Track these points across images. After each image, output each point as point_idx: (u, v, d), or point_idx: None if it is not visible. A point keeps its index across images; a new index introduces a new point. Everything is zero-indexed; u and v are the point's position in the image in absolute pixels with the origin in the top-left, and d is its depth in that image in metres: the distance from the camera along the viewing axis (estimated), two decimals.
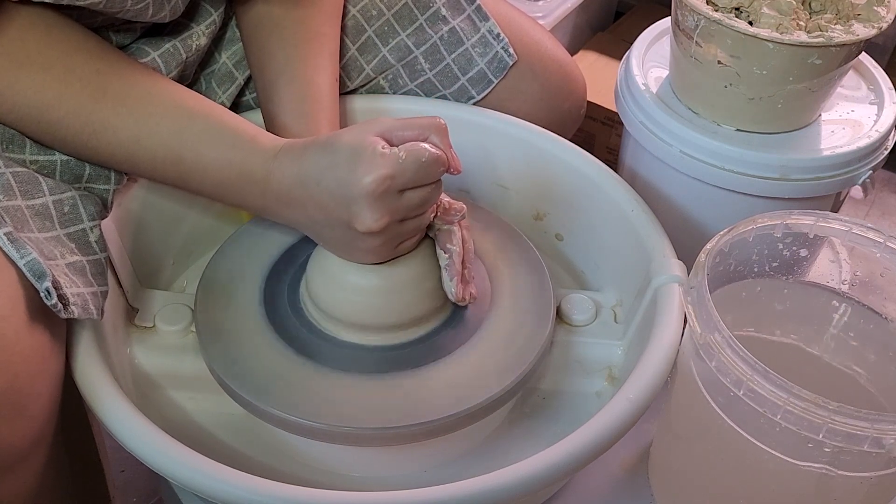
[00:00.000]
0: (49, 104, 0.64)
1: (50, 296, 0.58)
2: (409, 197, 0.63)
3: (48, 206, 0.64)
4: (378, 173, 0.61)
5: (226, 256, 0.75)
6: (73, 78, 0.64)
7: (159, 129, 0.66)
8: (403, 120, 0.65)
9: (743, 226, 0.68)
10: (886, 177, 1.48)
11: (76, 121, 0.64)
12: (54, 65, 0.64)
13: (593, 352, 0.76)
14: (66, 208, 0.65)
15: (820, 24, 0.82)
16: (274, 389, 0.66)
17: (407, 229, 0.66)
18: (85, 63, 0.65)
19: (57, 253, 0.62)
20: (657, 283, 0.71)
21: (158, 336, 0.74)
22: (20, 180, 0.63)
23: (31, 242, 0.60)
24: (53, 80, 0.63)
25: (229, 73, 0.82)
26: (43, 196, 0.64)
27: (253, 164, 0.66)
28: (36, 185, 0.64)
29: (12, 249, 0.58)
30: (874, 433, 0.55)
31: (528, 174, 0.87)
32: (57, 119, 0.64)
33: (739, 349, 0.59)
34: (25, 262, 0.58)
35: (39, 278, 0.58)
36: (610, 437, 0.61)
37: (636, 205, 0.78)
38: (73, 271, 0.63)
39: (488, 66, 0.87)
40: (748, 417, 0.61)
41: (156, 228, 0.79)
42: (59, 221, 0.64)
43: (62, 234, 0.64)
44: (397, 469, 0.71)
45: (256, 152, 0.66)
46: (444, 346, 0.69)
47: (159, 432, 0.60)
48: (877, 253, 0.69)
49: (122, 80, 0.66)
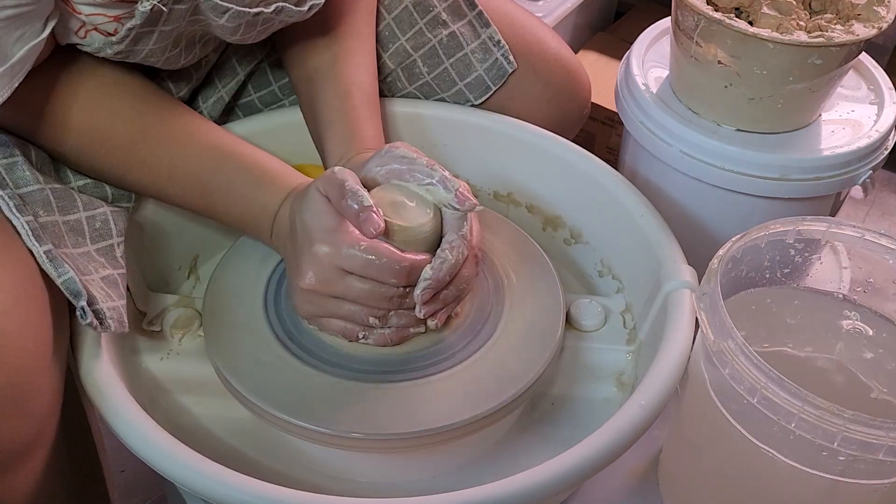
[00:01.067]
0: (91, 144, 0.67)
1: (85, 315, 0.60)
2: (350, 281, 0.63)
3: (82, 222, 0.66)
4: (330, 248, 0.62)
5: (233, 261, 0.75)
6: (118, 121, 0.68)
7: (192, 169, 0.69)
8: (410, 171, 0.66)
9: (755, 232, 0.67)
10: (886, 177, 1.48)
11: (114, 160, 0.68)
12: (101, 107, 0.67)
13: (603, 357, 0.75)
14: (98, 224, 0.67)
15: (820, 24, 0.82)
16: (281, 394, 0.65)
17: (341, 310, 0.65)
18: (129, 106, 0.69)
19: (91, 268, 0.64)
20: (668, 289, 0.71)
21: (166, 340, 0.73)
22: (58, 196, 0.65)
23: (69, 259, 0.61)
24: (98, 122, 0.67)
25: (232, 68, 0.82)
26: (78, 212, 0.66)
27: (275, 200, 0.69)
28: (72, 202, 0.66)
29: (51, 268, 0.60)
30: (890, 442, 0.55)
31: (537, 178, 0.86)
32: (97, 156, 0.68)
33: (753, 356, 0.58)
34: (62, 280, 0.60)
35: (76, 297, 0.60)
36: (621, 444, 0.61)
37: (646, 209, 0.78)
38: (108, 284, 0.64)
39: (487, 73, 0.86)
40: (761, 425, 0.60)
41: (164, 233, 0.79)
42: (91, 237, 0.66)
43: (92, 250, 0.65)
44: (406, 475, 0.70)
45: (280, 190, 0.69)
46: (453, 353, 0.69)
47: (167, 436, 0.60)
48: (889, 260, 0.68)
49: (161, 122, 0.69)
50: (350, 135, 0.74)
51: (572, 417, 0.74)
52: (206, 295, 0.72)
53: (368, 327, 0.66)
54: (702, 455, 0.70)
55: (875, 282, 0.70)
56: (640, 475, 0.77)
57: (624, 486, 0.77)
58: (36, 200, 0.63)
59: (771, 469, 0.61)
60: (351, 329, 0.66)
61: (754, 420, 0.60)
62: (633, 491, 0.76)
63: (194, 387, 0.72)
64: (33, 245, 0.60)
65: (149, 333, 0.74)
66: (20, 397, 0.56)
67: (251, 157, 0.71)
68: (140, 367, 0.72)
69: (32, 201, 0.62)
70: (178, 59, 0.70)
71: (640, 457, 0.78)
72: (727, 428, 0.63)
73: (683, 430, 0.71)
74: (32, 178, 0.63)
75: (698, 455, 0.70)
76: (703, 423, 0.68)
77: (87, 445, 0.77)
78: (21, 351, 0.55)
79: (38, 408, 0.58)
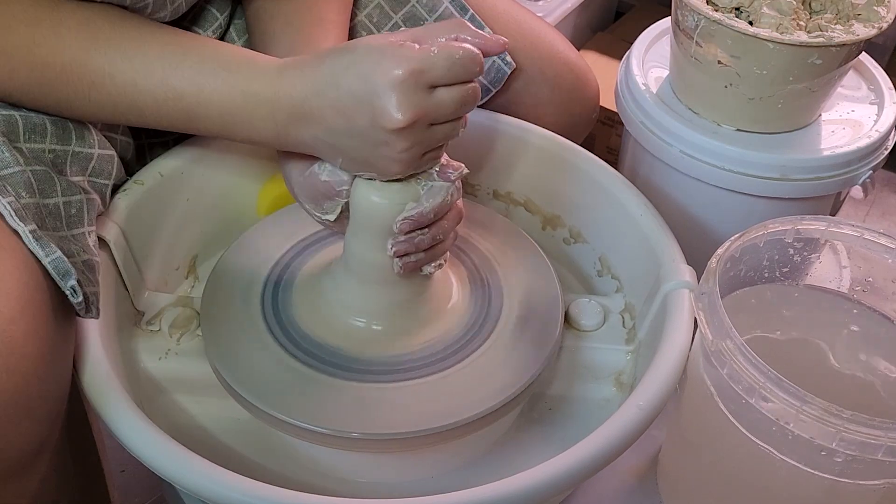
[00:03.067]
0: (44, 61, 0.62)
1: (76, 294, 0.58)
2: (440, 95, 0.59)
3: (59, 207, 0.64)
4: (407, 65, 0.57)
5: (231, 261, 0.75)
6: (63, 29, 0.62)
7: (155, 69, 0.64)
8: (427, 26, 0.62)
9: (754, 231, 0.67)
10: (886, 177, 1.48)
11: (73, 75, 0.63)
12: (42, 19, 0.62)
13: (601, 357, 0.75)
14: (73, 210, 0.65)
15: (820, 24, 0.82)
16: (280, 394, 0.65)
17: (435, 136, 0.61)
18: (72, 13, 0.63)
19: (73, 250, 0.62)
20: (667, 289, 0.71)
21: (164, 340, 0.73)
22: (38, 178, 0.63)
23: (53, 240, 0.60)
24: (44, 34, 0.62)
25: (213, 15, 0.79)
26: (56, 196, 0.63)
27: (257, 84, 0.63)
28: (51, 185, 0.63)
29: (38, 248, 0.58)
30: (888, 442, 0.55)
31: (536, 178, 0.86)
32: (55, 75, 0.63)
33: (752, 356, 0.58)
34: (50, 259, 0.58)
35: (64, 276, 0.58)
36: (620, 444, 0.61)
37: (645, 209, 0.78)
38: (87, 269, 0.63)
39: (486, 77, 0.86)
40: (760, 425, 0.60)
41: (161, 232, 0.79)
42: (67, 223, 0.64)
43: (68, 235, 0.64)
44: (404, 475, 0.70)
45: (258, 72, 0.64)
46: (451, 353, 0.69)
47: (165, 437, 0.59)
48: (889, 259, 0.68)
49: (112, 26, 0.64)
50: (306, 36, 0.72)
51: (571, 417, 0.74)
52: (204, 294, 0.72)
53: None
54: (701, 455, 0.70)
55: (874, 281, 0.70)
56: (639, 475, 0.77)
57: (623, 485, 0.77)
58: (17, 182, 0.61)
59: (770, 469, 0.61)
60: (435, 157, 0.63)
61: (753, 420, 0.60)
62: (633, 491, 0.76)
63: (193, 387, 0.72)
64: (18, 225, 0.58)
65: (147, 333, 0.74)
66: (28, 404, 0.55)
67: (213, 47, 0.65)
68: (138, 366, 0.72)
69: (14, 183, 0.60)
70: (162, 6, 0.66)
71: (640, 457, 0.78)
72: (726, 428, 0.63)
73: (682, 429, 0.71)
74: (13, 159, 0.61)
75: (697, 455, 0.70)
76: (701, 423, 0.68)
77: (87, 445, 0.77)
78: (28, 358, 0.55)
79: (45, 413, 0.58)
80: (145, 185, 0.76)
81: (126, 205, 0.74)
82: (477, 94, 0.61)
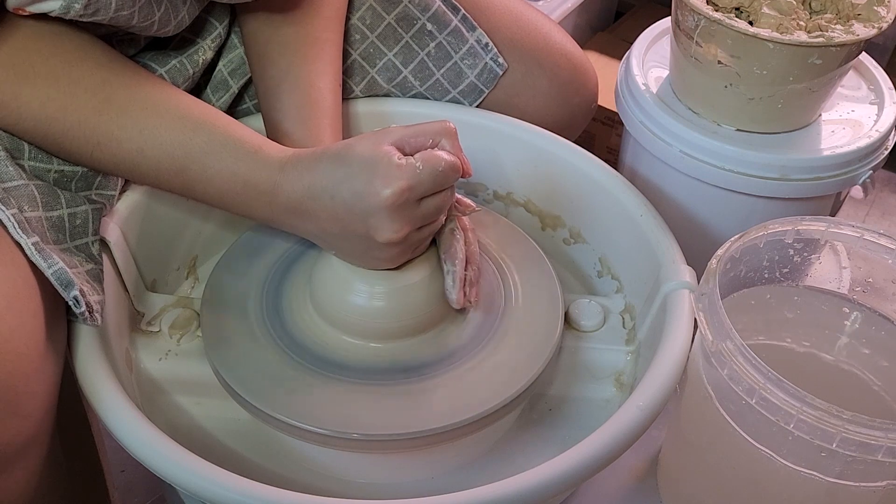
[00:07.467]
0: (54, 117, 0.63)
1: (79, 304, 0.59)
2: (426, 204, 0.64)
3: (63, 219, 0.65)
4: (397, 185, 0.61)
5: (231, 261, 0.75)
6: (79, 90, 0.63)
7: (163, 141, 0.65)
8: (413, 127, 0.64)
9: (754, 232, 0.67)
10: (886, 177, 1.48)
11: (80, 133, 0.64)
12: (59, 76, 0.63)
13: (602, 358, 0.75)
14: (78, 221, 0.66)
15: (820, 24, 0.82)
16: (280, 395, 0.65)
17: (423, 236, 0.66)
18: (91, 74, 0.64)
19: (76, 261, 0.63)
20: (667, 290, 0.71)
21: (164, 340, 0.73)
22: (42, 192, 0.63)
23: (55, 252, 0.60)
24: (58, 92, 0.63)
25: (224, 81, 0.81)
26: (61, 209, 0.64)
27: (259, 175, 0.65)
28: (55, 198, 0.64)
29: (40, 259, 0.59)
30: (888, 443, 0.55)
31: (535, 178, 0.86)
32: (61, 131, 0.64)
33: (752, 357, 0.58)
34: (53, 271, 0.59)
35: (67, 287, 0.59)
36: (620, 445, 0.61)
37: (645, 209, 0.78)
38: (91, 278, 0.63)
39: (478, 78, 0.86)
40: (760, 426, 0.60)
41: (161, 233, 0.79)
42: (70, 234, 0.65)
43: (71, 246, 0.64)
44: (404, 475, 0.70)
45: (262, 164, 0.65)
46: (451, 353, 0.69)
47: (165, 438, 0.59)
48: (889, 259, 0.68)
49: (127, 91, 0.65)
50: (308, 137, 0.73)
51: (571, 418, 0.74)
52: (204, 295, 0.72)
53: None
54: (701, 456, 0.70)
55: (874, 282, 0.70)
56: (639, 475, 0.77)
57: (623, 486, 0.76)
58: (21, 195, 0.61)
59: (769, 470, 0.61)
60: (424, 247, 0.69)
61: (753, 421, 0.60)
62: (633, 491, 0.76)
63: (193, 388, 0.72)
64: (20, 237, 0.59)
65: (147, 334, 0.74)
66: (14, 400, 0.55)
67: (223, 128, 0.66)
68: (138, 367, 0.72)
69: (18, 195, 0.61)
70: (151, 13, 0.66)
71: (640, 457, 0.78)
72: (726, 428, 0.63)
73: (682, 430, 0.71)
74: (16, 173, 0.62)
75: (697, 455, 0.70)
76: (701, 424, 0.67)
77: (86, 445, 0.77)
78: (14, 354, 0.55)
79: (32, 410, 0.58)
80: (146, 187, 0.76)
81: (126, 206, 0.74)
82: (454, 192, 0.66)
